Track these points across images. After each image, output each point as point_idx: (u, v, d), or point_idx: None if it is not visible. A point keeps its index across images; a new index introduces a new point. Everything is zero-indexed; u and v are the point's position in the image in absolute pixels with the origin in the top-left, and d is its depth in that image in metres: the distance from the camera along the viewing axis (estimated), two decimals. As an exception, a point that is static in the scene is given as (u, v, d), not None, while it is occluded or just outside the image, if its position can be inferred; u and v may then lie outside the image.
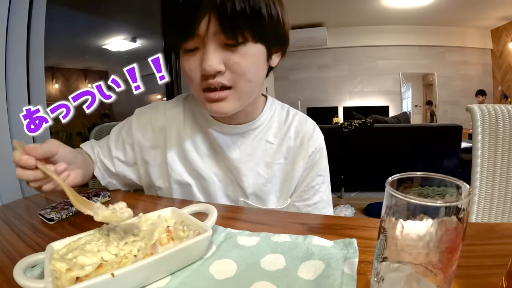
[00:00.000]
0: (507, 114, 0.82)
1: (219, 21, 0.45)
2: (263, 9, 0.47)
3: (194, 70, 0.50)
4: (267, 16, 0.48)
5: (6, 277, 0.36)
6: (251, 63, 0.50)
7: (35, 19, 1.02)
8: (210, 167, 0.62)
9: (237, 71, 0.49)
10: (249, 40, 0.48)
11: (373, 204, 2.65)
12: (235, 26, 0.46)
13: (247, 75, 0.51)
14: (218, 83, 0.49)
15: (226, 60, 0.48)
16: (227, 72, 0.49)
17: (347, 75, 5.35)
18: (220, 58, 0.48)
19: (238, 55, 0.48)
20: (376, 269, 0.26)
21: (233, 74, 0.50)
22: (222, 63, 0.48)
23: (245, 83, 0.51)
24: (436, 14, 4.25)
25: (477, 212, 0.85)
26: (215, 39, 0.47)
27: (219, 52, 0.48)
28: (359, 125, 2.79)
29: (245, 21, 0.46)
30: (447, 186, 0.25)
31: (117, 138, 0.67)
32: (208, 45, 0.47)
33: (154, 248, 0.35)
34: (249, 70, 0.50)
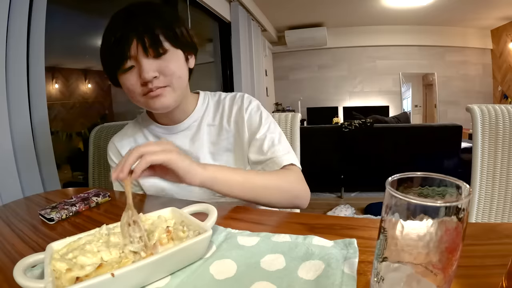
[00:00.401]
0: (507, 114, 0.82)
1: (144, 42, 0.59)
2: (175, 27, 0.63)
3: (135, 83, 0.62)
4: (178, 31, 0.64)
5: (6, 277, 0.36)
6: (177, 64, 0.64)
7: (35, 19, 1.02)
8: None
9: (168, 72, 0.63)
10: (170, 49, 0.62)
11: (373, 204, 2.65)
12: (156, 43, 0.60)
13: (176, 73, 0.64)
14: (155, 87, 0.62)
15: (157, 67, 0.61)
16: (161, 76, 0.62)
17: (347, 75, 5.35)
18: (153, 67, 0.61)
19: (165, 61, 0.62)
20: (376, 269, 0.26)
21: (166, 76, 0.63)
22: (156, 70, 0.61)
23: (176, 80, 0.65)
24: (436, 14, 4.25)
25: (477, 212, 0.85)
26: (144, 55, 0.60)
27: (150, 63, 0.61)
28: (359, 125, 2.79)
29: (163, 37, 0.61)
30: (447, 186, 0.25)
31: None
32: (141, 60, 0.60)
33: (154, 248, 0.35)
34: (176, 69, 0.64)
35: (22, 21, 0.96)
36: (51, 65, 2.27)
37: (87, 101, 2.83)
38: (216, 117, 0.75)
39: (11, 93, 0.93)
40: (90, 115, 2.83)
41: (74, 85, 2.62)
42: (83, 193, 0.66)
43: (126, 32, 0.59)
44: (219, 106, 0.76)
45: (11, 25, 0.92)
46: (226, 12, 3.02)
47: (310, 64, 5.42)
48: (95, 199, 0.62)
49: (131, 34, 0.59)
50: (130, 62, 0.61)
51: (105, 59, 0.65)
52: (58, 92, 2.50)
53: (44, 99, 1.07)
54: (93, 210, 0.60)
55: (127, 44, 0.60)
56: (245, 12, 3.34)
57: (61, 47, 2.08)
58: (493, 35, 4.87)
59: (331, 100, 5.42)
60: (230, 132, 0.73)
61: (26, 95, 0.99)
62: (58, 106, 2.43)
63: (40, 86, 1.06)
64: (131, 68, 0.62)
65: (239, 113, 0.73)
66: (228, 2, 3.05)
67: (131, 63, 0.61)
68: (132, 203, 0.41)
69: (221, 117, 0.74)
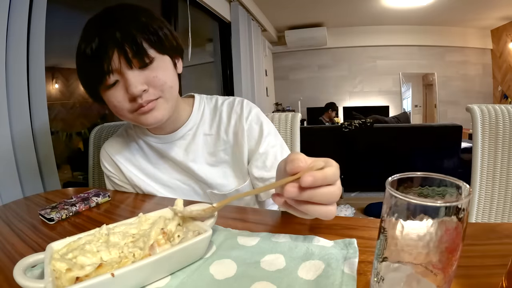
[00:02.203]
0: (507, 114, 0.82)
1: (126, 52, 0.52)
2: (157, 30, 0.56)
3: (122, 100, 0.56)
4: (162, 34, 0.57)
5: (6, 277, 0.36)
6: (166, 73, 0.58)
7: (35, 19, 1.02)
8: (170, 175, 0.70)
9: (158, 83, 0.56)
10: (156, 56, 0.56)
11: (373, 204, 2.65)
12: (140, 51, 0.53)
13: (167, 82, 0.58)
14: (146, 101, 0.56)
15: (145, 79, 0.55)
16: (150, 89, 0.56)
17: (347, 75, 5.35)
18: (141, 79, 0.55)
19: (153, 71, 0.56)
20: (376, 269, 0.26)
21: (155, 88, 0.57)
22: (144, 83, 0.55)
23: (168, 90, 0.59)
24: (436, 14, 4.25)
25: (477, 212, 0.84)
26: (128, 67, 0.54)
27: (137, 75, 0.54)
28: (359, 125, 2.79)
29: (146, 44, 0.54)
30: (447, 186, 0.25)
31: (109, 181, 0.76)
32: (125, 73, 0.54)
33: (152, 249, 0.35)
34: (167, 78, 0.58)
35: (22, 21, 0.96)
36: (51, 65, 2.27)
37: (87, 101, 2.83)
38: (213, 126, 0.69)
39: (11, 93, 0.93)
40: (90, 115, 2.83)
41: (74, 85, 2.62)
42: (83, 193, 0.66)
43: (104, 43, 0.52)
44: (216, 114, 0.70)
45: (11, 25, 0.92)
46: (226, 12, 3.02)
47: (310, 64, 5.42)
48: (95, 199, 0.62)
49: (109, 44, 0.52)
50: (113, 77, 0.54)
51: (83, 75, 0.58)
52: (58, 92, 2.50)
53: (44, 99, 1.07)
54: (93, 210, 0.60)
55: (107, 56, 0.52)
56: (245, 12, 3.34)
57: (61, 47, 2.08)
58: (493, 35, 4.87)
59: (331, 100, 5.42)
60: (228, 143, 0.68)
61: (26, 95, 0.99)
62: (58, 106, 2.43)
63: (40, 86, 1.06)
64: (115, 84, 0.55)
65: (239, 123, 0.67)
66: (228, 2, 3.05)
67: (114, 78, 0.54)
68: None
69: (219, 126, 0.69)
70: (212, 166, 0.68)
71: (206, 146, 0.69)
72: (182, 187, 0.70)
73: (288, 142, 0.99)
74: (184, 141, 0.68)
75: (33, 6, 1.02)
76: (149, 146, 0.70)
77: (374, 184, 2.62)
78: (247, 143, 0.67)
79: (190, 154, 0.68)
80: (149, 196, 0.69)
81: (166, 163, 0.70)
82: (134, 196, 0.69)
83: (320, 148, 3.24)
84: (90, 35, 0.53)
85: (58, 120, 2.36)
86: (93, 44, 0.52)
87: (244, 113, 0.68)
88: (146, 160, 0.71)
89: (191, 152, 0.68)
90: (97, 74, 0.54)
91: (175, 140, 0.68)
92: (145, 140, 0.70)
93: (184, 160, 0.67)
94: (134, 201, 0.66)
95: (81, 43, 0.54)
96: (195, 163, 0.68)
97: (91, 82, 0.57)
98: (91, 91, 0.59)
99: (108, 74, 0.54)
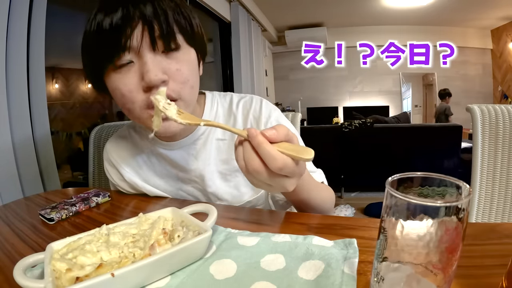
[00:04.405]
0: (507, 114, 0.82)
1: (152, 29, 0.44)
2: (190, 17, 0.49)
3: (134, 88, 0.46)
4: (194, 23, 0.49)
5: (6, 277, 0.36)
6: (191, 69, 0.50)
7: (35, 19, 1.02)
8: (176, 187, 0.64)
9: (180, 78, 0.48)
10: (183, 45, 0.48)
11: (373, 204, 2.65)
12: (169, 33, 0.45)
13: (190, 81, 0.49)
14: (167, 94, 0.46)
15: (166, 69, 0.46)
16: (170, 82, 0.47)
17: (347, 75, 5.36)
18: (161, 68, 0.46)
19: (177, 62, 0.47)
20: (376, 269, 0.26)
21: (176, 83, 0.47)
22: (164, 73, 0.46)
23: (189, 91, 0.50)
24: (436, 14, 4.25)
25: (477, 212, 0.84)
26: (150, 48, 0.45)
27: (159, 61, 0.46)
28: (359, 125, 2.79)
29: (177, 28, 0.46)
30: (447, 186, 0.25)
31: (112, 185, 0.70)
32: (145, 55, 0.45)
33: (152, 249, 0.34)
34: (190, 76, 0.49)
35: (22, 21, 0.96)
36: (51, 65, 2.27)
37: (87, 101, 2.83)
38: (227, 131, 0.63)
39: (11, 93, 0.93)
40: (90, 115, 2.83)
41: (74, 85, 2.62)
42: (83, 193, 0.66)
43: (128, 15, 0.43)
44: (231, 116, 0.61)
45: (11, 25, 0.92)
46: (226, 12, 3.02)
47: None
48: (95, 199, 0.62)
49: (135, 17, 0.43)
50: (128, 55, 0.45)
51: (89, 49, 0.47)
52: (58, 92, 2.50)
53: (44, 99, 1.07)
54: (93, 210, 0.60)
55: (128, 29, 0.43)
56: (245, 12, 3.34)
57: (61, 47, 2.08)
58: (493, 35, 4.88)
59: (331, 100, 5.42)
60: None
61: (26, 95, 0.99)
62: (58, 106, 2.43)
63: (40, 86, 1.06)
64: (128, 65, 0.45)
65: (256, 127, 0.58)
66: (228, 2, 3.05)
67: (129, 57, 0.45)
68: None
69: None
70: (223, 175, 0.61)
71: (219, 153, 0.60)
72: (187, 198, 0.64)
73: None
74: (195, 147, 0.60)
75: (33, 6, 1.02)
76: (156, 153, 0.62)
77: (374, 184, 2.61)
78: None
79: (200, 162, 0.60)
80: (149, 196, 0.69)
81: (173, 172, 0.63)
82: (134, 196, 0.69)
83: (320, 148, 3.21)
84: (112, 5, 0.44)
85: (58, 120, 2.36)
86: (113, 16, 0.43)
87: (263, 117, 0.60)
88: (151, 170, 0.64)
89: (201, 160, 0.60)
90: (109, 49, 0.44)
91: (185, 146, 0.60)
92: (148, 144, 0.63)
93: (194, 169, 0.60)
94: (134, 201, 0.66)
95: (97, 14, 0.44)
96: (206, 172, 0.60)
97: (98, 59, 0.46)
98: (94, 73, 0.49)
99: (123, 50, 0.44)
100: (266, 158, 0.34)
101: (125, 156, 0.65)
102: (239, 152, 0.37)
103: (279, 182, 0.37)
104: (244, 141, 0.36)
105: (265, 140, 0.35)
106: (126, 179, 0.65)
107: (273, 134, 0.35)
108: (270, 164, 0.34)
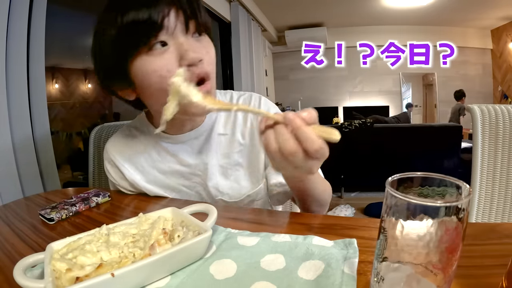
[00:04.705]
0: (507, 114, 0.82)
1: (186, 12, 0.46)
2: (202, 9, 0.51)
3: (172, 68, 0.46)
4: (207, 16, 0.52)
5: (6, 277, 0.36)
6: (214, 55, 0.52)
7: (35, 19, 1.02)
8: (177, 182, 0.64)
9: (210, 60, 0.50)
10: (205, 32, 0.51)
11: (373, 204, 2.65)
12: (198, 17, 0.47)
13: (214, 68, 0.51)
14: (204, 72, 0.48)
15: (198, 50, 0.48)
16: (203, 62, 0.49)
17: (347, 75, 5.35)
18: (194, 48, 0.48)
19: (206, 45, 0.50)
20: (376, 269, 0.26)
21: (207, 64, 0.49)
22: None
23: (213, 78, 0.52)
24: (436, 14, 4.25)
25: (477, 212, 0.84)
26: (184, 30, 0.47)
27: (190, 42, 0.48)
28: (359, 125, 2.79)
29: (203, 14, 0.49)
30: (447, 186, 0.25)
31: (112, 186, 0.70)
32: (180, 37, 0.47)
33: (152, 249, 0.34)
34: (214, 60, 0.52)
35: (22, 21, 0.96)
36: (51, 65, 2.27)
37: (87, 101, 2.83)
38: (228, 125, 0.63)
39: (11, 93, 0.93)
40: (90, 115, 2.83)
41: (74, 85, 2.62)
42: (83, 193, 0.66)
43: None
44: (231, 113, 0.63)
45: (11, 25, 0.92)
46: (226, 12, 3.03)
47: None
48: (95, 199, 0.62)
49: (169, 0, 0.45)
50: (164, 35, 0.46)
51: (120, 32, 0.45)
52: (58, 92, 2.50)
53: (44, 99, 1.07)
54: (93, 210, 0.60)
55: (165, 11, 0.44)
56: (245, 12, 3.34)
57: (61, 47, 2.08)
58: (493, 35, 4.88)
59: (331, 100, 5.42)
60: (243, 145, 0.62)
61: (26, 95, 0.99)
62: (58, 106, 2.43)
63: (40, 86, 1.06)
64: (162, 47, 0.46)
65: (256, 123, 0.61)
66: (228, 2, 3.05)
67: (165, 38, 0.46)
68: None
69: (234, 126, 0.63)
70: (224, 169, 0.62)
71: (220, 147, 0.62)
72: (189, 193, 0.64)
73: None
74: (197, 141, 0.62)
75: (33, 6, 1.02)
76: (158, 147, 0.63)
77: (374, 184, 2.61)
78: None
79: (203, 156, 0.61)
80: (149, 196, 0.69)
81: (175, 168, 0.63)
82: (134, 196, 0.69)
83: (320, 148, 3.21)
84: None
85: (58, 120, 2.36)
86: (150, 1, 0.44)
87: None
88: (153, 167, 0.64)
89: (204, 154, 0.61)
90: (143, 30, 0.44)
91: (188, 140, 0.61)
92: (151, 140, 0.63)
93: (197, 163, 0.62)
94: (134, 201, 0.66)
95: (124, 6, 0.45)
96: (208, 166, 0.61)
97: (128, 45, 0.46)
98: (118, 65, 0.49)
99: (160, 29, 0.45)
100: (305, 140, 0.34)
101: (126, 154, 0.65)
102: (270, 136, 0.36)
103: (310, 164, 0.36)
104: (277, 125, 0.36)
105: (304, 123, 0.34)
106: (127, 178, 0.65)
107: (308, 116, 0.35)
108: (308, 147, 0.34)
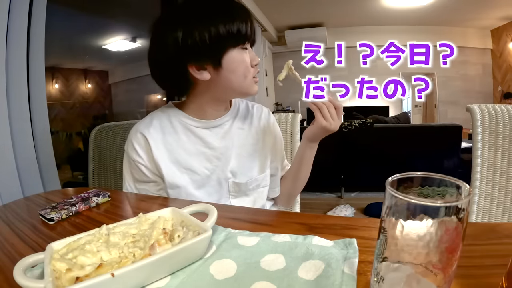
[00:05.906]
0: (507, 114, 0.82)
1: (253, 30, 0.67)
2: None
3: (249, 63, 0.69)
4: None
5: (6, 277, 0.36)
6: None
7: (35, 19, 1.02)
8: (199, 162, 0.72)
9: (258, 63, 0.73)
10: None
11: (373, 204, 2.65)
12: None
13: None
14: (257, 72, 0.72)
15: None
16: None
17: (347, 75, 5.33)
18: None
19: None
20: (376, 269, 0.26)
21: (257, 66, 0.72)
22: None
23: None
24: (436, 14, 4.25)
25: (477, 212, 0.85)
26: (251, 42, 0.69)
27: None
28: (359, 125, 2.79)
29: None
30: (447, 186, 0.25)
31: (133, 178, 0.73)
32: (247, 46, 0.68)
33: (152, 249, 0.34)
34: None
35: (22, 21, 0.96)
36: (51, 65, 2.27)
37: (87, 101, 2.83)
38: (246, 123, 0.79)
39: (11, 93, 0.93)
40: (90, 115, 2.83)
41: (74, 85, 2.62)
42: (83, 193, 0.66)
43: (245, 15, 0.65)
44: (248, 114, 0.81)
45: (11, 25, 0.92)
46: (226, 12, 3.02)
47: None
48: (95, 199, 0.62)
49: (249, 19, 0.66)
50: (247, 44, 0.67)
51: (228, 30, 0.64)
52: (58, 92, 2.50)
53: (44, 99, 1.07)
54: (93, 210, 0.60)
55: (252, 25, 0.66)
56: (245, 12, 3.34)
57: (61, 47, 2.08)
58: (493, 35, 4.87)
59: (331, 100, 5.41)
60: (257, 140, 0.79)
61: (26, 95, 0.99)
62: (58, 106, 2.43)
63: (40, 86, 1.06)
64: (246, 49, 0.67)
65: (267, 127, 0.81)
66: (228, 2, 3.04)
67: (247, 46, 0.67)
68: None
69: (250, 124, 0.79)
70: (239, 156, 0.76)
71: (238, 138, 0.76)
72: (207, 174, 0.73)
73: (288, 142, 0.99)
74: (221, 129, 0.75)
75: (33, 6, 1.02)
76: (186, 129, 0.72)
77: (374, 184, 2.61)
78: (270, 141, 0.80)
79: (225, 142, 0.74)
80: (149, 196, 0.69)
81: (200, 150, 0.73)
82: (134, 196, 0.69)
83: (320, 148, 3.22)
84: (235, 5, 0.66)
85: (58, 120, 2.36)
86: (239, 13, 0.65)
87: (271, 121, 0.83)
88: (181, 148, 0.72)
89: (225, 141, 0.74)
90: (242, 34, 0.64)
91: (214, 127, 0.74)
92: (181, 122, 0.72)
93: (220, 147, 0.73)
94: (134, 201, 0.66)
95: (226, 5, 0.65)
96: (228, 151, 0.74)
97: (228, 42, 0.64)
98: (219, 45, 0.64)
99: (248, 40, 0.67)
100: (340, 110, 0.76)
101: (160, 133, 0.71)
102: (324, 108, 0.73)
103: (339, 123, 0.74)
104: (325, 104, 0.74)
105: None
106: (154, 156, 0.68)
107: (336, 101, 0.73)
108: (340, 114, 0.76)
